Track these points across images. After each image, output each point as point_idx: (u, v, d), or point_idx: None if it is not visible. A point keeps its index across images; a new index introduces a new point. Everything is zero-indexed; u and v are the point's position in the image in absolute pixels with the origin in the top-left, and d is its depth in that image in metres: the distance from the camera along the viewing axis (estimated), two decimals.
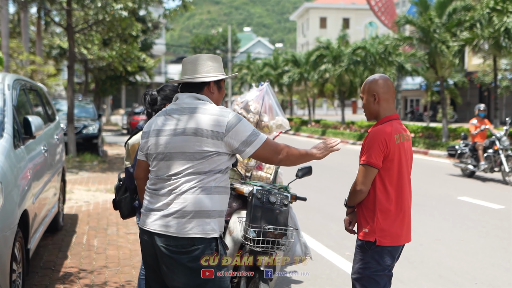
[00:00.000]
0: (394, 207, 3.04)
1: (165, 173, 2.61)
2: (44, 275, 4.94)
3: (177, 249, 2.53)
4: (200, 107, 2.64)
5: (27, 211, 4.32)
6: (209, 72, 2.73)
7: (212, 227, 2.57)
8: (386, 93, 3.10)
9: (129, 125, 28.49)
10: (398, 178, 3.06)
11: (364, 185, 3.04)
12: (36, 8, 17.75)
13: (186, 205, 2.54)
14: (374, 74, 3.23)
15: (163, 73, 59.03)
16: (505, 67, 24.80)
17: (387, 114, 3.11)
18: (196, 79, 2.71)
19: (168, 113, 2.70)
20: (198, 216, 2.54)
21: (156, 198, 2.63)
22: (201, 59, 2.74)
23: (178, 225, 2.53)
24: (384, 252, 3.05)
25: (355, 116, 47.51)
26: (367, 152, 3.03)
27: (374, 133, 3.04)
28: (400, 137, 3.06)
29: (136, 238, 6.27)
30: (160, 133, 2.66)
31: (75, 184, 10.28)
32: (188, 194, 2.55)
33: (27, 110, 5.44)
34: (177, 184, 2.57)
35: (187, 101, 2.69)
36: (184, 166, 2.57)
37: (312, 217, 7.80)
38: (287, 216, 3.68)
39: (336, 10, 59.39)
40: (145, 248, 2.68)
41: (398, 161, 3.05)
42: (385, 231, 3.03)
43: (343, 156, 17.62)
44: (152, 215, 2.62)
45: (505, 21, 15.01)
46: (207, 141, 2.55)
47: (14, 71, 13.92)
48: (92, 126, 15.08)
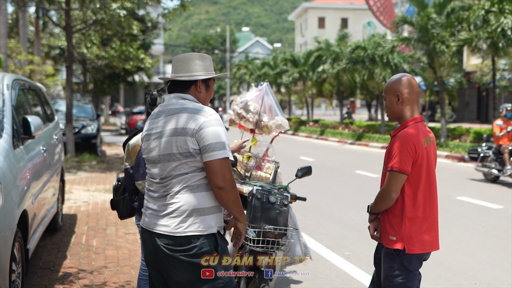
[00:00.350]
0: (421, 213, 2.95)
1: (157, 176, 2.68)
2: (43, 275, 4.93)
3: (176, 247, 2.58)
4: (183, 107, 2.66)
5: (26, 211, 4.31)
6: (197, 71, 2.74)
7: (208, 223, 2.62)
8: (410, 93, 2.97)
9: (127, 125, 28.48)
10: (426, 183, 2.96)
11: (395, 192, 2.92)
12: (34, 8, 17.74)
13: (181, 205, 2.60)
14: (398, 74, 3.10)
15: (162, 73, 58.95)
16: (503, 67, 24.81)
17: (412, 115, 2.99)
18: (183, 77, 2.73)
19: (156, 116, 2.76)
20: (193, 214, 2.59)
21: (153, 199, 2.71)
22: (190, 58, 2.76)
23: (174, 224, 2.59)
24: (412, 258, 2.96)
25: (354, 116, 47.54)
26: (395, 157, 2.90)
27: (402, 137, 2.91)
28: (427, 140, 2.96)
29: (135, 238, 6.27)
30: (150, 137, 2.74)
31: (74, 184, 10.27)
32: (181, 194, 2.61)
33: (26, 110, 5.43)
34: (169, 185, 2.63)
35: (172, 101, 2.73)
36: (172, 166, 2.62)
37: (311, 217, 7.80)
38: (287, 216, 3.68)
39: (334, 10, 59.41)
40: (146, 247, 2.74)
41: (426, 166, 2.95)
42: (413, 238, 2.93)
43: (342, 156, 17.63)
44: (151, 216, 2.69)
45: (502, 22, 15.02)
46: (188, 140, 2.59)
47: (13, 71, 13.90)
48: (90, 126, 15.06)
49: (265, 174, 4.47)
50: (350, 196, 9.77)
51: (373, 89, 25.50)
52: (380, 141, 20.99)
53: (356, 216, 8.04)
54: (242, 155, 4.52)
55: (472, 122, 31.45)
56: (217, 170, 2.57)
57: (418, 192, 2.93)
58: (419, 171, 2.92)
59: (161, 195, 2.66)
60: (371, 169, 13.39)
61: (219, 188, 2.58)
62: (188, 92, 2.75)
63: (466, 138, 17.09)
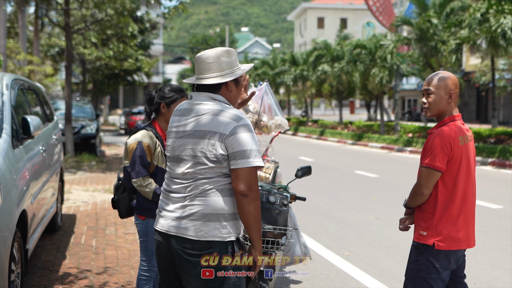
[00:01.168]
0: (456, 211, 2.96)
1: (178, 176, 2.58)
2: (42, 276, 4.92)
3: (194, 251, 2.50)
4: (214, 108, 2.55)
5: (26, 211, 4.30)
6: (223, 70, 2.60)
7: (228, 230, 2.53)
8: (457, 92, 3.03)
9: (126, 125, 28.47)
10: (462, 181, 2.97)
11: (426, 188, 2.95)
12: (33, 8, 17.72)
13: (202, 208, 2.50)
14: (443, 71, 3.09)
15: (161, 73, 58.97)
16: (502, 67, 24.82)
17: (453, 113, 3.01)
18: (209, 80, 2.59)
19: (182, 113, 2.64)
20: (214, 219, 2.50)
21: (171, 200, 2.60)
22: (214, 56, 2.60)
23: (194, 227, 2.50)
24: (440, 255, 2.97)
25: (353, 116, 47.55)
26: (430, 154, 2.92)
27: (439, 135, 2.93)
28: (464, 138, 2.97)
29: (134, 238, 6.26)
30: (174, 134, 2.63)
31: (73, 184, 10.26)
32: (203, 197, 2.51)
33: (25, 110, 5.42)
34: (191, 186, 2.53)
35: (201, 101, 2.60)
36: (197, 168, 2.52)
37: (311, 217, 7.80)
38: (286, 216, 3.68)
39: (333, 10, 59.41)
40: (159, 250, 2.64)
41: (463, 164, 2.96)
42: (444, 235, 2.95)
43: (341, 156, 17.63)
44: (167, 217, 2.58)
45: (501, 22, 15.02)
46: (217, 144, 2.49)
47: (12, 71, 13.89)
48: (90, 126, 15.06)
49: (264, 174, 4.47)
50: (350, 196, 9.77)
51: (373, 89, 25.50)
52: (379, 141, 20.99)
53: (356, 216, 8.04)
54: None
55: (471, 122, 31.46)
56: (244, 177, 2.47)
57: (453, 189, 2.95)
58: (455, 169, 2.93)
59: (182, 196, 2.55)
60: (370, 169, 13.39)
61: (243, 195, 2.46)
62: (218, 92, 2.61)
63: None
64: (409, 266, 3.07)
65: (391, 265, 5.61)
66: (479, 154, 15.11)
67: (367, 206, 8.82)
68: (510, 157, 14.00)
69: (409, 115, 40.36)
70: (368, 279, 5.13)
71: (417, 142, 18.45)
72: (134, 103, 49.68)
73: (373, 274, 5.27)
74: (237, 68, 2.65)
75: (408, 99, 44.21)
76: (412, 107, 42.91)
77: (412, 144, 18.67)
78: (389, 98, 38.02)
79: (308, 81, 30.65)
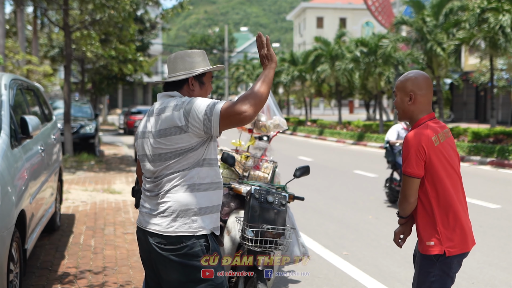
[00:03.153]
0: (454, 211, 2.83)
1: (149, 175, 2.70)
2: (41, 275, 4.93)
3: (167, 246, 2.59)
4: (167, 105, 2.64)
5: (24, 211, 4.31)
6: (187, 69, 2.71)
7: (199, 224, 2.60)
8: (423, 93, 2.86)
9: (126, 125, 28.46)
10: (449, 180, 2.83)
11: (410, 196, 2.83)
12: (32, 8, 17.72)
13: (171, 204, 2.60)
14: (410, 71, 2.96)
15: (160, 72, 58.94)
16: (501, 67, 24.84)
17: (423, 115, 2.88)
18: (172, 78, 2.73)
19: (149, 114, 2.76)
20: (183, 214, 2.59)
21: (146, 197, 2.73)
22: (179, 56, 2.74)
23: (165, 223, 2.60)
24: (453, 262, 2.83)
25: (352, 115, 47.56)
26: (405, 160, 2.81)
27: (410, 139, 2.80)
28: (438, 138, 2.83)
29: (133, 238, 6.27)
30: (140, 135, 2.75)
31: (72, 184, 10.26)
32: (172, 193, 2.61)
33: (24, 110, 5.42)
34: (160, 184, 2.64)
35: (161, 101, 2.72)
36: (163, 166, 2.62)
37: (309, 217, 7.81)
38: (285, 215, 3.68)
39: (333, 10, 59.42)
40: (141, 246, 2.77)
41: (444, 162, 2.82)
42: (451, 239, 2.80)
43: (340, 156, 17.65)
44: (145, 214, 2.71)
45: (500, 19, 15.02)
46: (175, 139, 2.56)
47: (11, 71, 13.89)
48: (89, 126, 15.06)
49: (263, 174, 4.47)
50: (348, 196, 9.78)
51: (372, 89, 25.52)
52: (378, 141, 21.01)
53: (354, 215, 8.04)
54: (240, 155, 4.53)
55: (470, 122, 31.49)
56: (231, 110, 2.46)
57: (442, 191, 2.81)
58: (437, 170, 2.80)
59: (154, 194, 2.67)
60: (369, 169, 13.40)
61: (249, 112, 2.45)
62: (180, 90, 2.73)
63: (464, 138, 17.10)
64: (420, 278, 2.86)
65: (390, 264, 5.61)
66: (478, 153, 15.12)
67: (366, 205, 8.83)
68: (509, 157, 14.01)
69: None
70: (366, 279, 5.14)
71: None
72: (133, 103, 49.67)
73: (371, 273, 5.28)
74: (202, 68, 2.74)
75: None
76: None
77: None
78: (388, 97, 38.03)
79: (307, 80, 30.66)
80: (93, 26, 16.03)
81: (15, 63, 14.97)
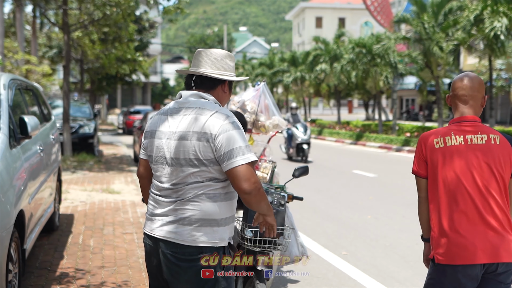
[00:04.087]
0: (444, 220, 2.65)
1: (169, 179, 2.47)
2: (40, 275, 4.92)
3: (184, 256, 2.44)
4: (204, 108, 2.46)
5: (23, 211, 4.30)
6: (227, 70, 2.58)
7: (220, 235, 2.47)
8: (463, 94, 2.74)
9: (125, 124, 28.45)
10: (443, 187, 2.67)
11: (419, 192, 2.81)
12: (31, 7, 17.72)
13: (194, 213, 2.42)
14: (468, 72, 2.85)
15: (159, 72, 58.92)
16: (500, 66, 24.86)
17: (456, 116, 2.77)
18: (219, 75, 2.54)
19: (170, 113, 2.53)
20: (206, 224, 2.43)
21: (160, 203, 2.51)
22: (221, 55, 2.58)
23: (185, 232, 2.42)
24: (446, 271, 2.65)
25: (351, 115, 47.58)
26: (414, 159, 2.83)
27: (419, 139, 2.80)
28: (444, 140, 2.69)
29: (132, 238, 6.27)
30: (162, 135, 2.50)
31: (71, 184, 10.25)
32: (196, 202, 2.43)
33: (23, 110, 5.42)
34: (182, 190, 2.44)
35: (191, 100, 2.51)
36: (189, 172, 2.42)
37: (308, 216, 7.81)
38: (283, 215, 3.68)
39: (332, 9, 59.44)
40: (149, 254, 2.57)
41: (447, 166, 2.67)
42: (440, 246, 2.66)
43: (340, 156, 17.65)
44: (157, 221, 2.50)
45: (495, 26, 14.99)
46: (206, 145, 2.40)
47: (9, 70, 13.88)
48: (88, 126, 15.05)
49: (262, 174, 4.47)
50: (347, 196, 9.78)
51: (371, 88, 25.53)
52: (377, 141, 21.02)
53: (353, 215, 8.05)
54: None
55: None
56: (243, 175, 2.36)
57: (437, 196, 2.68)
58: (434, 174, 2.70)
59: (171, 200, 2.46)
60: (368, 169, 13.41)
61: (246, 193, 2.38)
62: (212, 91, 2.56)
63: None
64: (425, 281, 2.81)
65: (389, 264, 5.62)
66: None
67: (365, 205, 8.83)
68: None
69: (407, 115, 40.42)
70: (365, 279, 5.14)
71: (415, 142, 18.47)
72: (132, 103, 49.66)
73: (370, 273, 5.29)
74: (234, 74, 2.66)
75: (406, 99, 44.26)
76: (409, 106, 42.96)
77: (410, 143, 18.69)
78: (387, 97, 38.07)
79: (306, 80, 30.68)
80: (92, 25, 16.03)
81: (14, 63, 14.96)
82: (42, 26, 21.82)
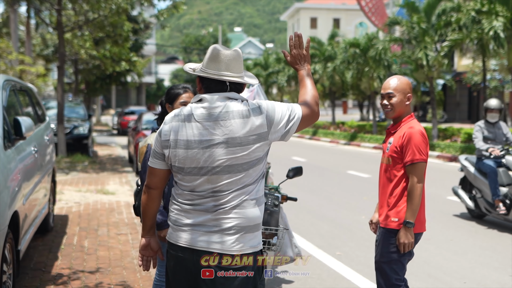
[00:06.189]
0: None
1: (207, 189, 2.35)
2: (34, 277, 4.92)
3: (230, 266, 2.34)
4: (235, 109, 2.34)
5: (18, 212, 4.31)
6: (242, 71, 2.46)
7: (258, 240, 2.41)
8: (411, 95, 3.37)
9: (119, 125, 28.42)
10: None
11: (423, 181, 3.24)
12: (25, 8, 17.66)
13: (240, 221, 2.33)
14: (397, 75, 3.42)
15: (154, 73, 58.83)
16: (494, 67, 24.97)
17: (409, 113, 3.38)
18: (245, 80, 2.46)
19: (197, 120, 2.35)
20: (250, 231, 2.36)
21: (195, 213, 2.37)
22: (241, 56, 2.45)
23: (230, 241, 2.33)
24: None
25: (346, 116, 47.66)
26: (418, 150, 3.23)
27: (420, 133, 3.27)
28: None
29: (127, 239, 6.27)
30: (194, 145, 2.34)
31: (65, 184, 10.24)
32: (240, 209, 2.34)
33: (17, 111, 5.42)
34: (225, 199, 2.33)
35: (219, 104, 2.35)
36: (231, 180, 2.32)
37: (303, 217, 7.83)
38: (277, 216, 3.71)
39: (326, 10, 59.53)
40: (180, 266, 2.41)
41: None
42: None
43: (334, 156, 17.69)
44: (193, 231, 2.36)
45: (494, 25, 15.05)
46: (253, 147, 2.32)
47: (3, 71, 13.84)
48: (82, 127, 15.04)
49: None
50: (342, 196, 9.81)
51: (365, 89, 25.58)
52: (372, 141, 21.07)
53: (347, 215, 8.08)
54: None
55: (463, 122, 31.62)
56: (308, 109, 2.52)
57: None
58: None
59: (211, 209, 2.34)
60: (362, 169, 13.45)
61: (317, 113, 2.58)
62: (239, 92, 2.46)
63: (457, 138, 17.20)
64: (383, 251, 3.36)
65: None
66: (471, 154, 15.18)
67: (359, 206, 8.86)
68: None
69: None
70: (359, 279, 5.17)
71: None
72: (127, 104, 49.57)
73: (364, 273, 5.31)
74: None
75: None
76: None
77: None
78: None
79: None
80: (87, 26, 16.00)
81: (8, 63, 14.92)
82: (37, 26, 21.76)
